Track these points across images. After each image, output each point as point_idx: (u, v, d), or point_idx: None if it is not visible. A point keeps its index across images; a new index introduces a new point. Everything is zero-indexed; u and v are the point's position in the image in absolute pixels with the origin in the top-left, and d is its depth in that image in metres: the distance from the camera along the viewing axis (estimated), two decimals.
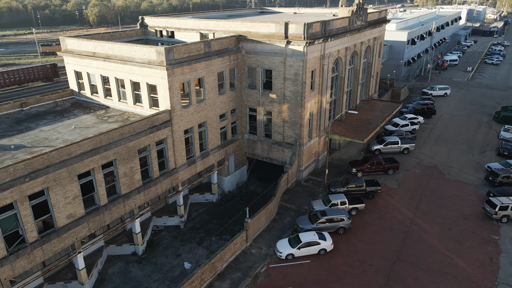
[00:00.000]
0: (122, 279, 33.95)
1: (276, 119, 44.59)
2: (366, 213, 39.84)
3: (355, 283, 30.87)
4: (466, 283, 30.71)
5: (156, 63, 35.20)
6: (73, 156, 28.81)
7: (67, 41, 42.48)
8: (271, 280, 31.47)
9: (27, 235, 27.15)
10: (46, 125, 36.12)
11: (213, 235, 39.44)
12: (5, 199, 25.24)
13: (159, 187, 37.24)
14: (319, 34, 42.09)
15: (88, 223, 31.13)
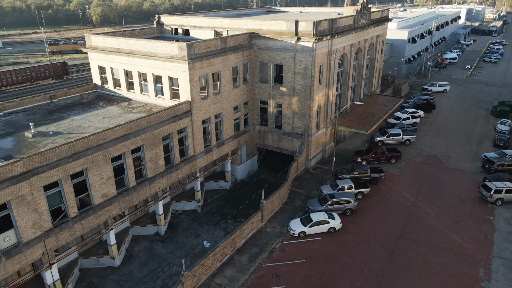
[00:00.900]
0: (147, 255, 37.01)
1: (286, 111, 47.68)
2: (371, 197, 42.99)
3: (362, 256, 34.02)
4: (463, 256, 33.86)
5: (178, 58, 38.29)
6: (108, 141, 31.90)
7: (92, 38, 45.57)
8: (286, 254, 34.61)
9: (69, 211, 30.26)
10: (77, 115, 39.22)
11: (228, 218, 42.54)
12: (52, 177, 28.33)
13: (180, 172, 40.33)
14: (327, 31, 45.21)
15: (119, 203, 34.22)
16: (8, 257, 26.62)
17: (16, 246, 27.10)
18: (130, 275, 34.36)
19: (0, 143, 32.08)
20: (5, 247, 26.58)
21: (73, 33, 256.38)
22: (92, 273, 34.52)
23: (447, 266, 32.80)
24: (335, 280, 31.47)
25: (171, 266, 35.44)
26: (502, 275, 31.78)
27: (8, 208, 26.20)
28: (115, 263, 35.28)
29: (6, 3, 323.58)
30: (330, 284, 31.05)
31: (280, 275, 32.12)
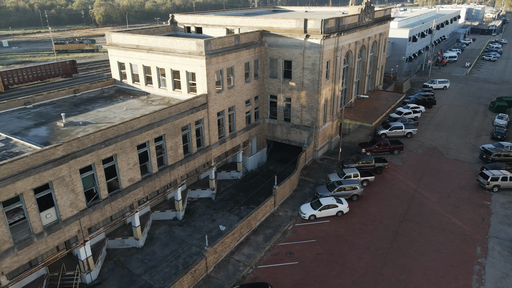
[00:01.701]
0: (168, 237, 39.75)
1: (295, 104, 50.42)
2: (375, 184, 45.77)
3: (368, 236, 36.79)
4: (462, 236, 36.62)
5: (196, 53, 41.04)
6: (134, 129, 34.65)
7: (112, 36, 48.30)
8: (298, 235, 37.38)
9: (101, 193, 33.02)
10: (101, 107, 41.99)
11: (241, 204, 45.29)
12: (86, 161, 31.08)
13: (196, 161, 43.08)
14: (334, 29, 47.96)
15: (143, 187, 36.97)
16: (50, 232, 29.36)
17: (56, 223, 29.84)
18: (153, 254, 37.07)
19: (36, 131, 34.83)
20: (46, 223, 29.32)
21: (77, 32, 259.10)
22: (118, 252, 37.23)
23: (447, 244, 35.57)
24: (344, 256, 34.25)
25: (190, 247, 38.17)
26: (497, 252, 34.53)
27: (50, 188, 28.94)
28: (139, 244, 38.01)
29: (9, 3, 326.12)
30: (340, 260, 33.84)
31: (293, 252, 34.89)
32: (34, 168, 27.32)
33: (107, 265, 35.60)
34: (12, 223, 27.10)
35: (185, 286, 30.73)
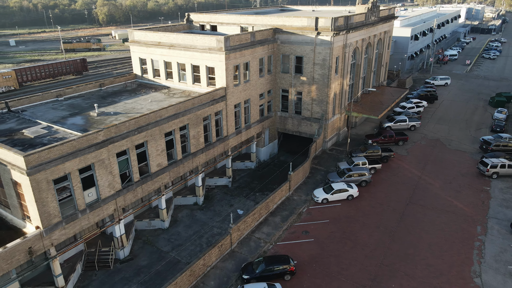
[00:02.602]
0: (190, 220, 42.84)
1: (306, 98, 53.52)
2: (382, 172, 48.89)
3: (377, 217, 39.92)
4: (463, 217, 39.75)
5: (216, 49, 44.14)
6: (163, 118, 37.74)
7: (135, 33, 51.39)
8: (312, 216, 40.51)
9: (133, 176, 36.13)
10: (127, 99, 45.09)
11: (256, 191, 48.39)
12: (122, 146, 34.18)
13: (215, 150, 46.18)
14: (343, 26, 51.06)
15: (169, 173, 40.08)
16: (91, 209, 32.48)
17: (96, 201, 32.95)
18: (178, 235, 40.17)
19: (73, 120, 37.94)
20: (88, 201, 32.43)
21: (81, 32, 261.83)
22: (145, 233, 40.30)
23: (450, 224, 38.70)
24: (356, 234, 37.38)
25: (212, 228, 41.27)
26: (496, 231, 37.66)
27: (92, 169, 32.06)
28: (165, 225, 41.11)
29: (13, 3, 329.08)
30: (352, 237, 36.97)
31: (309, 231, 38.02)
32: (80, 150, 30.43)
33: (136, 243, 38.69)
34: (61, 199, 30.19)
35: (213, 257, 33.87)
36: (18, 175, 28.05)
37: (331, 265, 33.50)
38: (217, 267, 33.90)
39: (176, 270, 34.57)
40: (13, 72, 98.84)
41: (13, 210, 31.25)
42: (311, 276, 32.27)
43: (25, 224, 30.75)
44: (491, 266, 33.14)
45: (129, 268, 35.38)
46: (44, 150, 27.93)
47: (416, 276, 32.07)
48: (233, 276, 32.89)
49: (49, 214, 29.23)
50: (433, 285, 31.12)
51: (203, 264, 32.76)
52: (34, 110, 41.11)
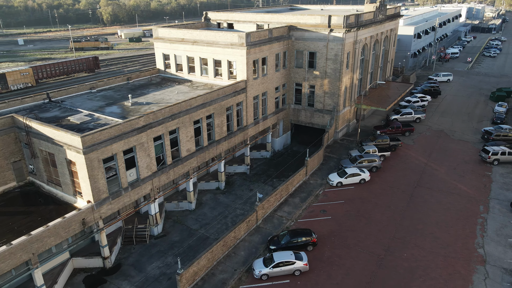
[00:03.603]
0: (214, 203, 46.37)
1: (318, 91, 57.06)
2: (391, 159, 52.48)
3: (388, 198, 43.50)
4: (467, 198, 43.32)
5: (237, 44, 47.68)
6: (192, 107, 41.29)
7: (159, 30, 54.91)
8: (328, 197, 44.09)
9: (167, 159, 39.68)
10: (155, 91, 48.63)
11: (273, 177, 51.92)
12: (158, 131, 37.72)
13: (236, 138, 49.72)
14: (354, 24, 54.60)
15: (196, 158, 43.62)
16: (132, 188, 36.03)
17: (136, 181, 36.49)
18: (204, 215, 43.71)
19: (110, 109, 41.48)
20: (130, 180, 35.97)
21: (86, 31, 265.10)
22: (174, 214, 43.82)
23: (455, 204, 42.27)
24: (369, 213, 40.95)
25: (235, 210, 44.81)
26: (497, 209, 41.22)
27: (133, 151, 35.60)
28: (191, 207, 44.67)
29: (17, 3, 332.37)
30: (366, 215, 40.55)
31: (326, 210, 41.60)
32: (125, 134, 33.99)
33: (167, 223, 42.23)
34: (108, 177, 33.73)
35: (242, 231, 37.44)
36: (74, 155, 31.59)
37: (348, 238, 37.08)
38: (245, 240, 37.46)
39: (206, 244, 38.09)
40: (30, 70, 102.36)
41: (64, 188, 34.79)
42: (331, 247, 35.85)
43: (75, 200, 34.30)
44: (493, 239, 36.70)
45: (163, 243, 38.90)
46: (97, 132, 31.49)
47: (426, 247, 35.65)
48: (261, 247, 36.45)
49: (99, 190, 32.79)
50: (441, 254, 34.69)
51: (234, 236, 36.34)
52: (72, 100, 44.67)
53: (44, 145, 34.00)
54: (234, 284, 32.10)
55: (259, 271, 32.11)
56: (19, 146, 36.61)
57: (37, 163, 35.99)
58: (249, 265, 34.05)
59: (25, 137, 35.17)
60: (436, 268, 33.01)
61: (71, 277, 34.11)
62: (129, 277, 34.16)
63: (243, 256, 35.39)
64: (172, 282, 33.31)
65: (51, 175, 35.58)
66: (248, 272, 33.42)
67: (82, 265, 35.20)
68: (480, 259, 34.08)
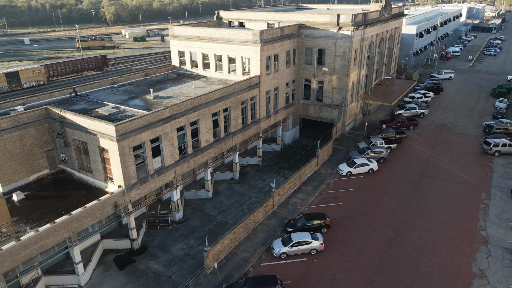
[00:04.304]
0: (230, 191, 48.91)
1: (327, 87, 59.62)
2: (396, 151, 55.07)
3: (395, 186, 46.08)
4: (470, 186, 45.91)
5: (251, 42, 50.24)
6: (211, 100, 43.85)
7: (175, 28, 57.46)
8: (338, 185, 46.68)
9: (188, 149, 42.25)
10: (173, 86, 51.19)
11: (284, 168, 54.47)
12: (181, 122, 40.29)
13: (250, 131, 52.28)
14: (361, 22, 57.18)
15: (214, 148, 46.18)
16: (158, 175, 38.59)
17: (161, 168, 39.06)
18: (221, 203, 46.25)
19: (134, 102, 44.04)
20: (156, 168, 38.55)
21: (90, 31, 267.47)
22: (192, 202, 46.35)
23: (459, 191, 44.86)
24: (378, 200, 43.54)
25: (250, 198, 47.36)
26: (498, 196, 43.81)
27: (159, 141, 38.17)
28: (209, 195, 47.23)
29: (20, 2, 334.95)
30: (375, 201, 43.13)
31: (337, 197, 44.19)
32: (152, 124, 36.55)
33: (187, 209, 44.78)
34: (137, 164, 36.29)
35: (260, 215, 40.03)
36: (107, 142, 34.16)
37: (359, 221, 39.67)
38: (263, 224, 40.04)
39: (225, 229, 40.63)
40: (42, 68, 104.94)
41: (95, 174, 37.36)
42: (343, 230, 38.44)
43: (106, 185, 36.87)
44: (494, 222, 39.29)
45: (184, 227, 41.47)
46: (128, 122, 34.07)
47: (432, 229, 38.24)
48: (278, 230, 39.03)
49: (129, 176, 35.37)
50: (446, 236, 37.28)
51: (253, 220, 38.92)
52: (96, 94, 47.24)
53: (77, 134, 36.58)
54: (255, 262, 34.68)
55: (278, 250, 34.69)
56: (52, 136, 39.18)
57: (69, 151, 38.57)
58: (269, 245, 36.64)
59: (59, 127, 37.75)
60: (442, 248, 35.60)
61: (102, 257, 36.67)
62: (156, 257, 36.70)
63: (262, 238, 37.97)
64: (196, 262, 35.87)
65: (82, 162, 38.16)
66: (267, 251, 36.00)
67: (111, 247, 37.75)
68: (483, 240, 36.66)
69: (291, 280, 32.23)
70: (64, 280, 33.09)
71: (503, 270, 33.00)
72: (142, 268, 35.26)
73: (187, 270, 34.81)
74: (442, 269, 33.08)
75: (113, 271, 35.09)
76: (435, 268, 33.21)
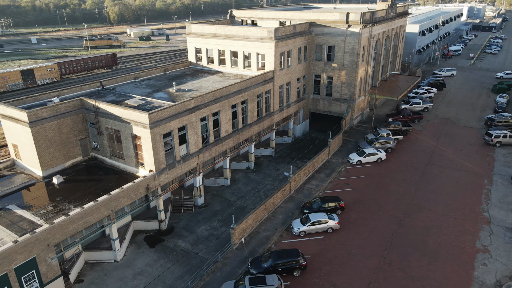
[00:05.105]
0: (246, 180, 51.88)
1: (336, 82, 62.62)
2: (403, 142, 58.10)
3: (403, 174, 49.12)
4: (473, 173, 48.91)
5: (266, 38, 53.23)
6: (231, 93, 46.84)
7: (192, 26, 60.47)
8: (349, 173, 49.70)
9: (210, 138, 45.26)
10: (192, 80, 54.18)
11: (296, 159, 57.45)
12: (204, 113, 43.27)
13: (264, 123, 55.25)
14: (369, 20, 60.18)
15: (233, 138, 49.17)
16: (183, 161, 41.60)
17: (186, 155, 42.06)
18: (239, 190, 49.24)
19: (158, 95, 47.01)
20: (181, 154, 41.55)
21: (95, 30, 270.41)
22: (211, 189, 49.32)
23: (462, 178, 47.87)
24: (387, 186, 46.55)
25: (265, 185, 50.34)
26: (500, 182, 46.83)
27: (185, 129, 41.17)
28: (227, 183, 50.22)
29: (24, 2, 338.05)
30: (384, 187, 46.15)
31: (349, 183, 47.21)
32: (179, 113, 39.55)
33: (207, 196, 47.77)
34: (165, 151, 39.29)
35: (279, 199, 43.05)
36: (140, 130, 37.15)
37: (370, 204, 42.70)
38: (281, 207, 43.07)
39: (244, 212, 43.59)
40: (55, 66, 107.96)
41: (126, 160, 40.37)
42: (356, 212, 41.46)
43: (137, 170, 39.87)
44: (496, 205, 42.30)
45: (207, 211, 44.47)
46: (160, 111, 37.07)
47: (438, 211, 41.26)
48: (295, 212, 42.06)
49: (159, 161, 38.38)
50: (451, 217, 40.29)
51: (272, 202, 41.94)
52: (121, 88, 50.25)
53: (110, 123, 39.58)
54: (276, 240, 37.70)
55: (297, 229, 37.71)
56: (85, 125, 42.19)
57: (102, 139, 41.58)
58: (288, 225, 39.66)
59: (92, 117, 40.76)
60: (448, 227, 38.62)
61: (133, 237, 39.68)
62: (183, 237, 39.71)
63: (281, 219, 40.99)
64: (220, 241, 38.87)
65: (114, 149, 41.16)
66: (287, 230, 39.02)
67: (141, 228, 40.77)
68: (486, 220, 39.67)
69: (311, 255, 35.23)
70: (102, 255, 36.12)
71: (504, 246, 36.00)
72: (171, 246, 38.24)
73: (212, 248, 37.80)
74: (449, 245, 36.10)
75: (145, 248, 38.09)
76: (442, 244, 36.22)
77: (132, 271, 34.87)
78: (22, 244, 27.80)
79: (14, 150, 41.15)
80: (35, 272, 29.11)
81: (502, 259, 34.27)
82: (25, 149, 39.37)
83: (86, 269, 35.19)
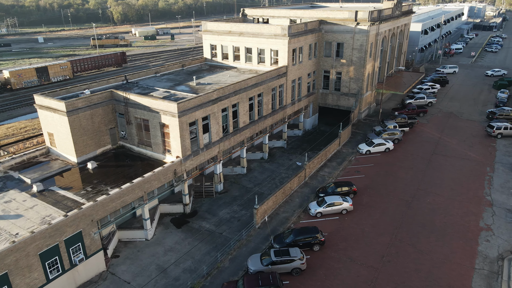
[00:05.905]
0: (261, 169, 54.88)
1: (344, 77, 65.62)
2: (409, 134, 61.12)
3: (410, 162, 52.15)
4: (476, 162, 51.94)
5: (280, 35, 56.23)
6: (248, 86, 49.84)
7: (208, 24, 63.47)
8: (359, 162, 52.73)
9: (229, 128, 48.26)
10: (210, 75, 57.18)
11: (307, 150, 60.46)
12: (225, 104, 46.28)
13: (278, 116, 58.25)
14: (376, 18, 63.18)
15: (249, 129, 52.17)
16: (206, 149, 44.61)
17: (208, 143, 45.07)
18: (255, 177, 52.24)
19: (180, 88, 50.03)
20: (205, 143, 44.56)
21: (99, 30, 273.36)
22: (229, 177, 52.28)
23: (466, 166, 50.90)
24: (396, 173, 49.57)
25: (280, 173, 53.34)
26: (501, 170, 49.85)
27: (208, 119, 44.17)
28: (244, 171, 53.21)
29: (28, 2, 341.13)
30: (393, 174, 49.18)
31: (359, 171, 50.24)
32: (203, 104, 42.56)
33: (226, 183, 50.76)
34: (190, 139, 42.28)
35: (295, 184, 46.08)
36: (168, 118, 40.15)
37: (380, 189, 45.72)
38: (297, 191, 46.09)
39: (262, 197, 46.57)
40: (68, 63, 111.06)
41: (154, 147, 43.37)
42: (367, 196, 44.48)
43: (164, 157, 42.87)
44: (498, 190, 45.32)
45: (226, 197, 47.46)
46: (186, 101, 40.07)
47: (444, 195, 44.28)
48: (311, 196, 45.09)
49: (185, 148, 41.39)
50: (456, 200, 43.32)
51: (289, 187, 44.97)
52: (144, 82, 53.26)
53: (139, 113, 42.58)
54: (295, 220, 40.72)
55: (314, 210, 40.73)
56: (114, 115, 45.19)
57: (130, 129, 44.59)
58: (305, 207, 42.69)
59: (122, 107, 43.77)
60: (453, 209, 41.64)
61: (160, 219, 42.69)
62: (206, 219, 42.71)
63: (298, 202, 44.02)
64: (241, 222, 41.85)
65: (142, 138, 44.18)
66: (304, 212, 42.04)
67: (167, 211, 43.78)
68: (488, 203, 42.69)
69: (328, 233, 38.25)
70: (134, 234, 39.14)
71: (506, 225, 39.01)
72: (196, 227, 41.25)
73: (235, 229, 40.80)
74: (455, 224, 39.13)
75: (172, 229, 41.10)
76: (448, 223, 39.24)
77: (163, 248, 37.87)
78: (71, 218, 30.82)
79: (49, 138, 44.16)
80: (80, 244, 32.12)
81: (504, 236, 37.29)
82: (60, 137, 42.38)
83: (120, 246, 38.21)
